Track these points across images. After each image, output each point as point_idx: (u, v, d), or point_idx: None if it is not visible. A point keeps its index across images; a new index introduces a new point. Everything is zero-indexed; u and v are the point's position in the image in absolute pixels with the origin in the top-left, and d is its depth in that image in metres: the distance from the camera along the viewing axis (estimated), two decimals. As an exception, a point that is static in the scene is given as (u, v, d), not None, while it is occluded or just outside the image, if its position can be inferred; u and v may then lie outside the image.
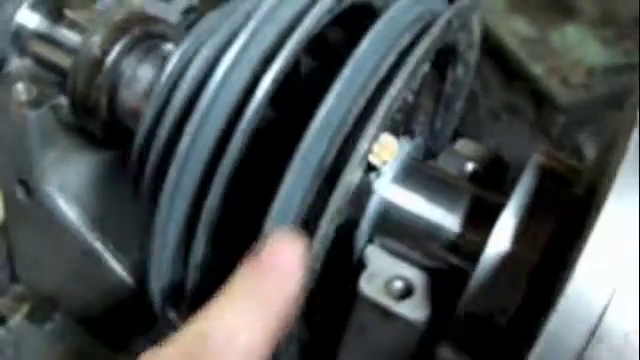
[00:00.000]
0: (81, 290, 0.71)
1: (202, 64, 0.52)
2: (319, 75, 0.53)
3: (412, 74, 0.47)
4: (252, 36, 0.49)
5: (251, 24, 0.49)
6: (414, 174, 0.56)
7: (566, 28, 1.51)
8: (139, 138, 0.56)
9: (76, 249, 0.68)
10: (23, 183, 0.67)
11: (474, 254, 0.51)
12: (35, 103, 0.63)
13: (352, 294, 0.54)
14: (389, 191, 0.55)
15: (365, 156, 0.47)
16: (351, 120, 0.47)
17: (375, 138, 0.47)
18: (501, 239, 0.50)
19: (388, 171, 0.55)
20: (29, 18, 0.64)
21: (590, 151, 1.36)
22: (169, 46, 0.63)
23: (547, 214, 0.50)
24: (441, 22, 0.49)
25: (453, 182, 0.58)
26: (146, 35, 0.62)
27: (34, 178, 0.66)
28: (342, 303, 0.55)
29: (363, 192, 0.54)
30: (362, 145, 0.45)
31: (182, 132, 0.50)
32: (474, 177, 0.63)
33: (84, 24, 0.64)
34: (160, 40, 0.64)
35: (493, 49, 1.29)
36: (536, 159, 0.52)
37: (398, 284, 0.54)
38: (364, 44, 0.46)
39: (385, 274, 0.54)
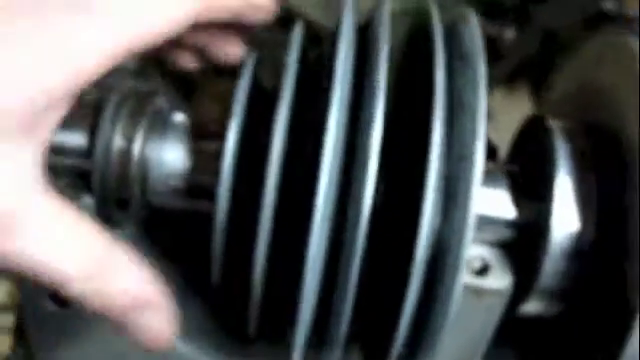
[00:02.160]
0: None
1: (283, 136, 0.53)
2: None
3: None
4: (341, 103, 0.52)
5: (336, 90, 0.52)
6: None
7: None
8: (220, 223, 0.56)
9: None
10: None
11: (537, 226, 0.60)
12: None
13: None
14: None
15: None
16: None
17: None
18: (563, 205, 0.60)
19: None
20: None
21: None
22: (178, 117, 0.62)
23: (588, 171, 0.60)
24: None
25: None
26: (153, 111, 0.61)
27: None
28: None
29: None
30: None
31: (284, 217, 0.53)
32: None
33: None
34: (162, 112, 0.62)
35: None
36: (555, 125, 0.62)
37: (476, 264, 0.62)
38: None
39: (463, 259, 0.62)
